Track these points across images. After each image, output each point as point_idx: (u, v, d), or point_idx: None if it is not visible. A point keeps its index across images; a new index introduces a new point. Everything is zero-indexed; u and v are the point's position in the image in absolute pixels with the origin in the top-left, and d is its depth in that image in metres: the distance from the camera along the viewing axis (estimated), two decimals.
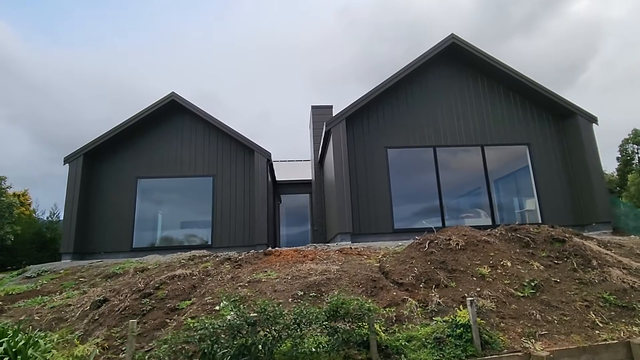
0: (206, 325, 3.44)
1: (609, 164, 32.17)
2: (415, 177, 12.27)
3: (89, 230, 12.93)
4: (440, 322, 4.38)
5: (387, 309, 4.67)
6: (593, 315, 4.66)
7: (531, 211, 12.10)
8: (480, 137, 12.17)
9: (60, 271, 10.06)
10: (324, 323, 3.74)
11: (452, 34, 12.26)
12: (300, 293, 5.21)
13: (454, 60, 12.72)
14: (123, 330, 5.43)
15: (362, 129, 12.01)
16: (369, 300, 4.67)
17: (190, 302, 5.81)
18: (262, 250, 7.68)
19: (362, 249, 7.51)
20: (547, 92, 12.01)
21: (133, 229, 13.13)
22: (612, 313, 4.76)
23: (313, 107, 16.62)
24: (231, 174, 13.87)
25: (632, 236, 9.86)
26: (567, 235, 6.35)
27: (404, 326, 4.43)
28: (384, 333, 4.14)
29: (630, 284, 5.37)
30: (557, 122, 12.49)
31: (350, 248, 7.55)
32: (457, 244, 6.17)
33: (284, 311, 3.66)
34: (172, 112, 14.04)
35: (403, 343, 3.95)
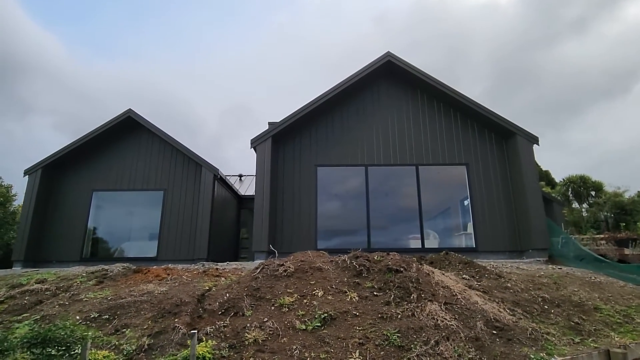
0: None
1: None
2: (345, 197, 12.04)
3: (44, 239, 13.58)
4: (184, 353, 4.30)
5: (148, 337, 4.64)
6: (356, 355, 4.40)
7: (468, 235, 11.56)
8: (416, 156, 11.81)
9: None
10: (32, 349, 3.79)
11: (388, 51, 12.07)
12: (94, 315, 5.27)
13: (392, 78, 12.50)
14: None
15: (293, 146, 12.00)
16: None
17: (20, 317, 6.01)
18: (133, 267, 7.82)
19: (227, 270, 7.47)
20: (485, 111, 11.52)
21: (84, 240, 13.69)
22: (382, 352, 4.47)
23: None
24: (181, 189, 14.18)
25: (552, 267, 9.19)
26: (404, 265, 6.02)
27: (152, 356, 4.38)
28: None
29: (438, 322, 5.03)
30: (499, 142, 11.92)
31: (216, 269, 7.54)
32: (286, 271, 6.02)
33: None
34: (129, 127, 14.61)
35: None
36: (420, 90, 12.35)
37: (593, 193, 36.98)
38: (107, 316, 5.25)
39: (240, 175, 20.83)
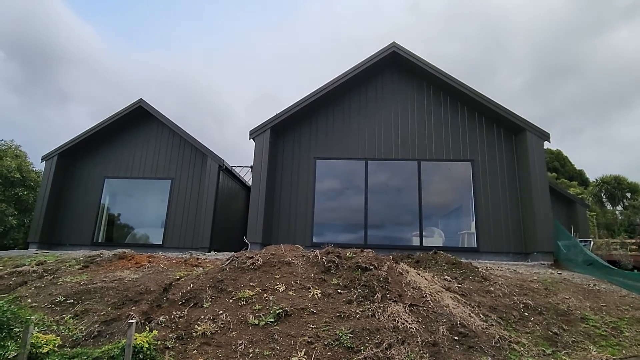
0: None
1: None
2: (343, 191, 11.81)
3: (58, 223, 14.13)
4: (123, 342, 4.29)
5: (101, 323, 4.68)
6: (301, 354, 4.26)
7: (470, 234, 11.11)
8: (419, 151, 11.41)
9: (4, 258, 11.17)
10: None
11: (393, 42, 11.67)
12: (60, 299, 5.39)
13: (397, 69, 12.09)
14: None
15: (293, 137, 11.88)
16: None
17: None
18: (120, 254, 7.97)
19: (207, 260, 7.50)
20: (493, 105, 10.96)
21: (95, 224, 14.14)
22: (329, 353, 4.30)
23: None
24: (188, 178, 14.37)
25: (551, 271, 8.67)
26: (375, 263, 5.80)
27: (99, 342, 4.42)
28: (60, 349, 4.17)
29: (398, 324, 4.80)
30: (508, 138, 11.33)
31: (197, 259, 7.57)
32: (254, 264, 5.94)
33: None
34: (140, 117, 14.90)
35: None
36: (427, 83, 11.89)
37: (629, 195, 34.89)
38: (72, 301, 5.36)
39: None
